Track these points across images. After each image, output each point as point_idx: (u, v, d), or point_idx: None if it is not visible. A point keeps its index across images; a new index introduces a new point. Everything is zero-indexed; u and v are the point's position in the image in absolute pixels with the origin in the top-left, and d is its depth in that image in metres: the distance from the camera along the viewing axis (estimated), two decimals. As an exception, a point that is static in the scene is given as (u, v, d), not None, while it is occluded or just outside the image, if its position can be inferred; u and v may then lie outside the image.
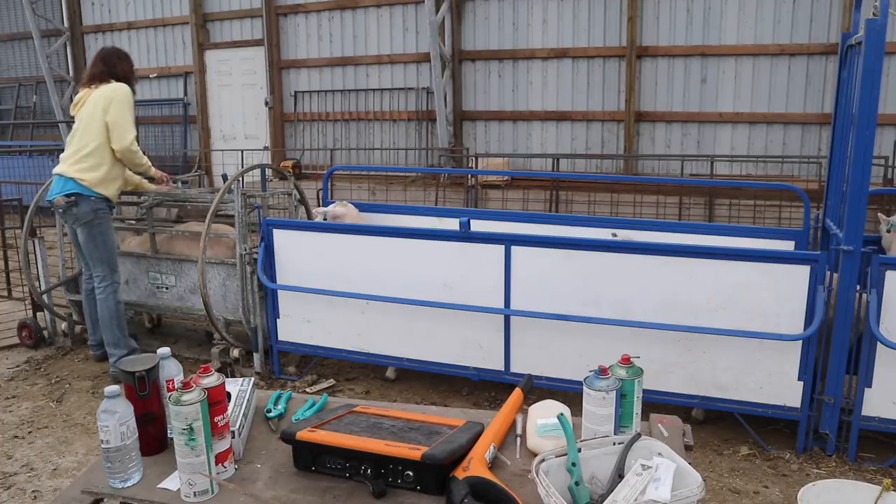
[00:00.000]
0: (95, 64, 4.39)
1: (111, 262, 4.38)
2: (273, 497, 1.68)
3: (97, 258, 4.34)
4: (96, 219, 4.26)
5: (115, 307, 4.38)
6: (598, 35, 8.42)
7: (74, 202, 4.20)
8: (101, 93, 4.26)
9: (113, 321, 4.37)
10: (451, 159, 9.01)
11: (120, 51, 4.52)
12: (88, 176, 4.21)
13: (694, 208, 7.55)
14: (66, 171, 4.23)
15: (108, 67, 4.36)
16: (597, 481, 1.63)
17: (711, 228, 4.56)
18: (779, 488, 3.16)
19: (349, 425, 1.87)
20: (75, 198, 4.19)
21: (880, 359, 3.23)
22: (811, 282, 3.24)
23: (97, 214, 4.26)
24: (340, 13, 9.80)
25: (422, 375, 4.33)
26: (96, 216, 4.26)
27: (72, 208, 4.22)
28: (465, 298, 3.89)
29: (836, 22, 7.36)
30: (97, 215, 4.26)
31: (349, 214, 4.68)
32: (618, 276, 3.57)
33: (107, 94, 4.25)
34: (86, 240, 4.31)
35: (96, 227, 4.28)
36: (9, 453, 3.57)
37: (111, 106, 4.22)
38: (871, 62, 3.04)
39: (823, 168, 6.71)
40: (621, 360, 1.83)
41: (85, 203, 4.21)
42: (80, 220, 4.25)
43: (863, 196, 3.13)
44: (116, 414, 1.70)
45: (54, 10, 11.92)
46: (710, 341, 3.46)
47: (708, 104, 8.08)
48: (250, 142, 10.77)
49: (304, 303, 4.30)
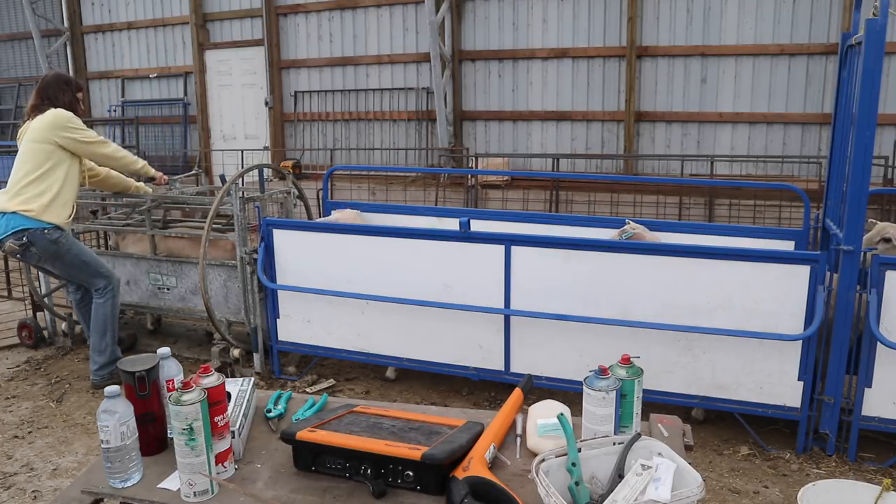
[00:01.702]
0: (33, 95, 4.15)
1: (101, 271, 4.19)
2: (273, 497, 1.68)
3: (85, 278, 4.17)
4: (60, 248, 3.99)
5: (110, 313, 4.21)
6: (598, 35, 8.41)
7: (28, 242, 3.89)
8: (41, 125, 4.01)
9: (106, 326, 4.20)
10: (451, 159, 9.01)
11: (61, 79, 4.23)
12: (33, 205, 3.89)
13: (694, 208, 7.55)
14: (7, 207, 3.89)
15: (47, 100, 4.09)
16: (597, 481, 1.63)
17: (711, 228, 4.56)
18: (779, 488, 3.16)
19: (349, 425, 1.87)
20: (27, 237, 3.88)
21: (880, 359, 3.23)
22: (811, 282, 3.24)
23: (58, 244, 3.97)
24: (340, 13, 9.80)
25: (422, 375, 4.33)
26: (58, 246, 3.98)
27: (28, 249, 3.92)
28: (464, 298, 3.89)
29: (836, 22, 7.36)
30: (59, 244, 3.98)
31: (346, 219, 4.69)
32: (618, 276, 3.57)
33: (46, 124, 4.00)
34: (62, 270, 4.12)
35: (66, 255, 4.02)
36: (9, 453, 3.57)
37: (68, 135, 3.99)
38: (871, 62, 3.04)
39: (823, 168, 6.71)
40: (621, 360, 1.83)
41: (39, 238, 3.91)
42: (44, 256, 3.99)
43: (863, 196, 3.13)
44: (116, 414, 1.70)
45: (54, 10, 11.92)
46: (710, 341, 3.46)
47: (708, 104, 8.08)
48: (250, 142, 10.77)
49: (304, 303, 4.30)
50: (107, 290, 4.20)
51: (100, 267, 4.20)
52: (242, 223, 4.31)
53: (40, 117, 4.05)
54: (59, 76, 4.28)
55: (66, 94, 4.16)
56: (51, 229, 3.95)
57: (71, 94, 4.19)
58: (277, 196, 4.83)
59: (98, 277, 4.18)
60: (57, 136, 4.00)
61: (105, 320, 4.20)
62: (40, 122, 4.03)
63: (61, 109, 4.07)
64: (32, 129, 4.05)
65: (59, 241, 3.98)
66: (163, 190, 4.80)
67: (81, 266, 4.12)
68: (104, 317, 4.20)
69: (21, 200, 3.91)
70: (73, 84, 4.25)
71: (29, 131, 4.06)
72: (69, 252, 4.05)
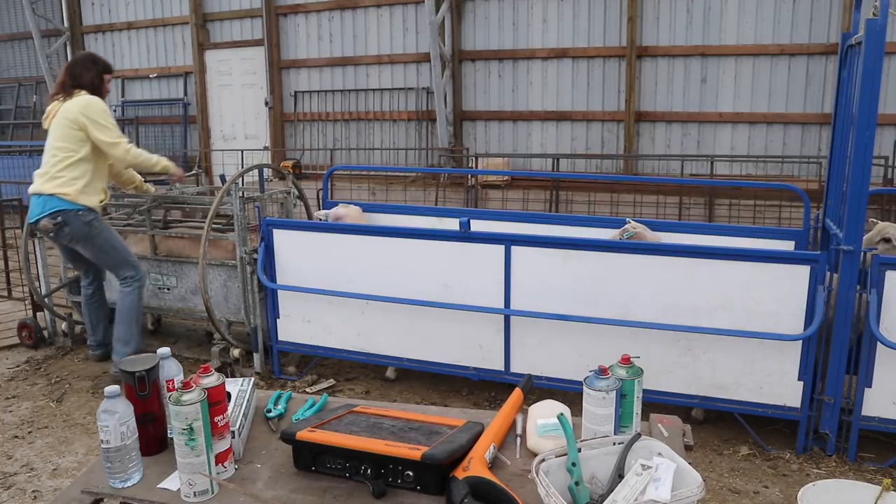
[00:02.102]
0: (60, 74, 4.23)
1: (129, 260, 4.26)
2: (273, 497, 1.68)
3: (113, 264, 4.22)
4: (92, 230, 4.10)
5: (136, 303, 4.27)
6: (598, 35, 8.41)
7: (63, 222, 4.02)
8: (71, 107, 4.06)
9: (132, 316, 4.26)
10: (451, 159, 9.01)
11: (88, 58, 4.28)
12: (69, 189, 4.02)
13: (694, 208, 7.55)
14: (44, 189, 4.04)
15: (72, 79, 4.17)
16: (597, 481, 1.63)
17: (711, 228, 4.56)
18: (779, 488, 3.16)
19: (349, 425, 1.87)
20: (62, 217, 4.01)
21: (880, 359, 3.23)
22: (811, 282, 3.24)
23: (91, 226, 4.09)
24: (340, 13, 9.80)
25: (422, 375, 4.33)
26: (91, 228, 4.09)
27: (62, 229, 4.04)
28: (464, 298, 3.89)
29: (836, 22, 7.36)
30: (91, 226, 4.09)
31: (350, 215, 4.68)
32: (618, 276, 3.57)
33: (77, 110, 4.04)
34: (93, 253, 4.17)
35: (97, 238, 4.12)
36: (9, 453, 3.57)
37: (89, 126, 4.04)
38: (871, 62, 3.04)
39: (823, 168, 6.71)
40: (621, 360, 1.83)
41: (73, 219, 4.03)
42: (76, 237, 4.08)
43: (863, 196, 3.13)
44: (116, 414, 1.70)
45: (54, 10, 11.92)
46: (710, 341, 3.46)
47: (708, 104, 8.08)
48: (250, 142, 10.77)
49: (304, 303, 4.30)
50: (134, 280, 4.26)
51: (128, 256, 4.27)
52: (242, 223, 4.31)
53: (76, 101, 4.08)
54: (89, 55, 4.33)
55: (90, 72, 4.20)
56: (84, 211, 4.05)
57: (95, 72, 4.23)
58: (277, 196, 4.83)
59: (126, 266, 4.24)
60: (86, 125, 4.05)
61: (131, 310, 4.27)
62: (75, 105, 4.07)
63: (96, 99, 4.13)
64: (67, 110, 4.07)
65: (91, 223, 4.09)
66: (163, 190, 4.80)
67: (110, 251, 4.18)
68: (130, 307, 4.26)
69: (58, 184, 4.01)
70: (100, 63, 4.28)
71: (63, 111, 4.08)
72: (100, 235, 4.13)
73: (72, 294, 5.04)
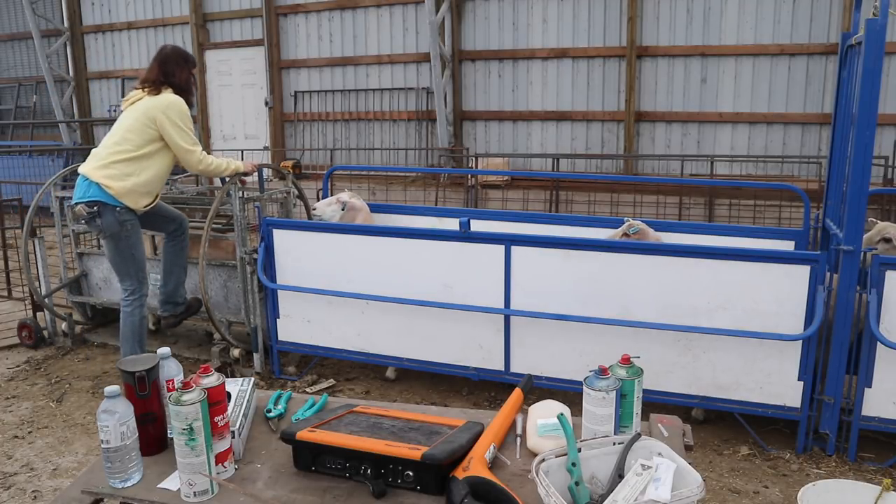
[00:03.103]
0: (152, 68, 4.00)
1: (139, 275, 4.04)
2: (273, 497, 1.68)
3: (125, 272, 4.01)
4: (123, 231, 3.89)
5: (139, 322, 4.06)
6: (598, 35, 8.42)
7: (97, 213, 3.83)
8: (155, 104, 3.88)
9: (134, 336, 4.06)
10: (451, 159, 9.02)
11: (180, 56, 4.06)
12: (116, 184, 3.82)
13: (694, 208, 7.55)
14: (92, 174, 3.84)
15: (164, 76, 3.96)
16: (597, 481, 1.63)
17: (711, 228, 4.56)
18: (779, 488, 3.16)
19: (349, 425, 1.87)
20: (98, 208, 3.82)
21: (880, 359, 3.23)
22: (811, 282, 3.24)
23: (124, 227, 3.89)
24: (340, 13, 9.80)
25: (422, 375, 4.33)
26: (123, 228, 3.89)
27: (94, 219, 3.85)
28: (464, 298, 3.89)
29: (836, 22, 7.36)
30: (124, 227, 3.89)
31: (363, 210, 4.69)
32: (618, 276, 3.57)
33: (160, 109, 3.86)
34: (112, 253, 3.98)
35: (123, 241, 3.92)
36: (9, 453, 3.57)
37: (168, 126, 3.86)
38: (871, 62, 3.04)
39: (823, 168, 6.71)
40: (621, 360, 1.83)
41: (109, 214, 3.83)
42: (105, 231, 3.89)
43: (863, 196, 3.13)
44: (116, 414, 1.70)
45: (54, 10, 11.92)
46: (710, 341, 3.46)
47: (708, 104, 8.08)
48: (250, 142, 10.77)
49: (304, 303, 4.30)
50: (136, 298, 4.04)
51: (141, 270, 4.06)
52: (242, 223, 4.31)
53: (162, 99, 3.91)
54: (179, 51, 4.09)
55: (183, 71, 4.03)
56: (122, 210, 3.86)
57: (188, 71, 4.07)
58: (277, 196, 4.82)
59: (133, 279, 4.03)
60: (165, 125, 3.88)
61: (132, 331, 4.06)
62: (159, 103, 3.89)
63: (181, 101, 3.95)
64: (150, 106, 3.89)
65: (125, 224, 3.89)
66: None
67: (129, 259, 3.98)
68: (133, 328, 4.05)
69: (107, 174, 3.83)
70: (191, 61, 4.11)
71: (146, 105, 3.89)
72: (128, 239, 3.94)
73: (72, 294, 5.04)
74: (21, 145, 11.72)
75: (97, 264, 5.02)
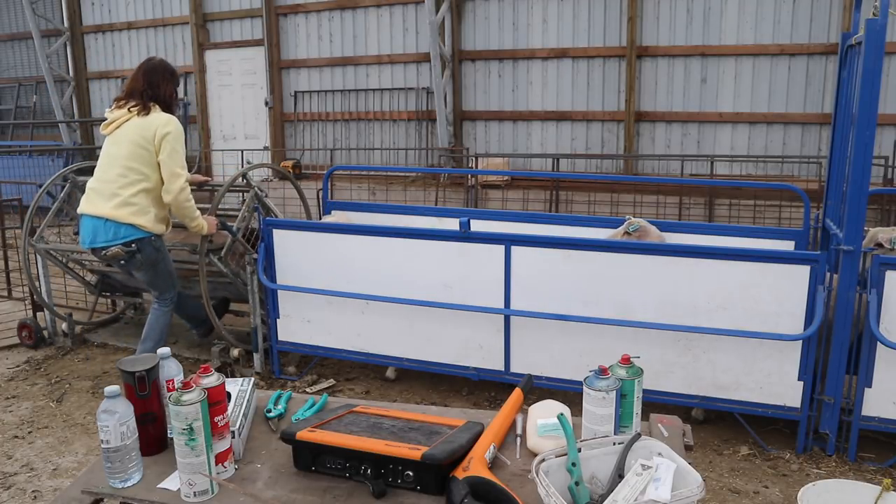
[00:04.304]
0: (136, 78, 3.83)
1: (175, 283, 4.13)
2: (273, 497, 1.68)
3: (164, 286, 4.06)
4: (160, 256, 3.92)
5: (166, 325, 4.14)
6: (598, 35, 8.41)
7: (136, 250, 3.78)
8: (150, 126, 3.74)
9: (160, 336, 4.11)
10: (451, 159, 9.01)
11: (166, 69, 3.91)
12: (142, 219, 3.75)
13: (694, 208, 7.55)
14: (115, 215, 3.71)
15: (150, 87, 3.81)
16: (597, 481, 1.63)
17: (711, 228, 4.56)
18: (779, 488, 3.16)
19: (349, 425, 1.87)
20: (136, 244, 3.76)
21: (880, 359, 3.23)
22: (811, 282, 3.24)
23: (160, 252, 3.92)
24: (340, 13, 9.79)
25: (422, 375, 4.33)
26: (159, 254, 3.92)
27: (134, 256, 3.80)
28: (464, 298, 3.89)
29: (836, 22, 7.36)
30: (160, 252, 3.92)
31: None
32: (618, 276, 3.57)
33: (159, 132, 3.73)
34: (151, 276, 3.98)
35: (160, 263, 3.95)
36: (9, 453, 3.57)
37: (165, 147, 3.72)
38: (871, 62, 3.05)
39: (823, 168, 6.71)
40: (621, 360, 1.83)
41: (147, 246, 3.81)
42: (146, 263, 3.88)
43: (863, 196, 3.13)
44: (116, 414, 1.70)
45: (54, 10, 11.91)
46: (710, 341, 3.46)
47: (708, 104, 8.07)
48: (250, 142, 10.77)
49: (304, 303, 4.30)
50: (171, 301, 4.13)
51: (175, 280, 4.14)
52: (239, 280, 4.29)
53: (156, 119, 3.76)
54: (165, 64, 3.94)
55: (169, 85, 3.89)
56: (156, 238, 3.87)
57: (173, 87, 3.94)
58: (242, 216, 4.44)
59: (172, 289, 4.11)
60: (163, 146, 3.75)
61: (160, 330, 4.12)
62: (156, 125, 3.75)
63: (176, 122, 3.83)
64: (145, 128, 3.74)
65: (160, 249, 3.93)
66: None
67: (167, 275, 4.03)
68: (164, 325, 4.13)
69: (132, 212, 3.73)
70: (176, 77, 3.99)
71: (140, 128, 3.74)
72: (164, 260, 3.98)
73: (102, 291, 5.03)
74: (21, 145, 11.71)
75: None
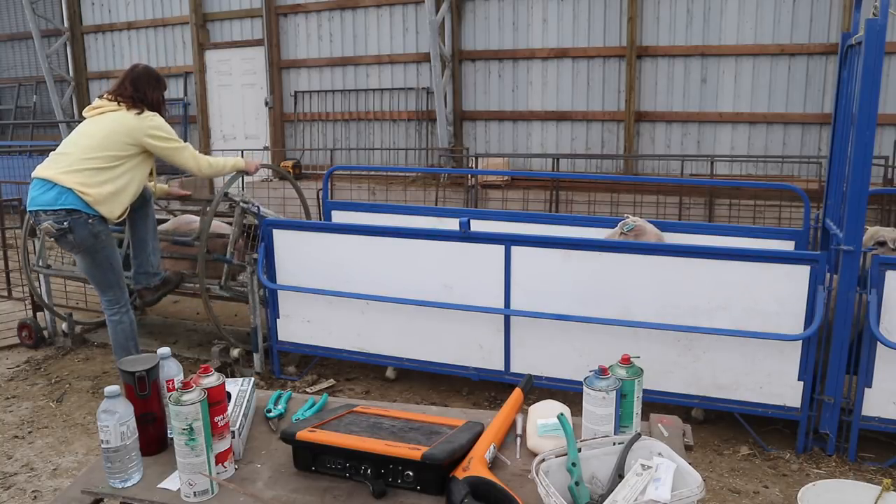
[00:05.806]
0: (124, 86, 3.84)
1: (121, 283, 3.91)
2: (273, 497, 1.68)
3: (105, 283, 3.84)
4: (98, 243, 3.69)
5: (129, 328, 3.95)
6: (598, 35, 8.41)
7: (68, 229, 3.58)
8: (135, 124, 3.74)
9: (128, 341, 3.94)
10: (451, 159, 9.01)
11: (153, 77, 3.94)
12: (94, 191, 3.59)
13: (694, 208, 7.55)
14: (63, 180, 3.56)
15: (136, 93, 3.83)
16: (597, 481, 1.63)
17: (711, 228, 4.56)
18: (779, 488, 3.16)
19: (349, 425, 1.87)
20: (69, 223, 3.57)
21: (880, 359, 3.23)
22: (811, 282, 3.24)
23: (98, 238, 3.68)
24: (340, 13, 9.79)
25: (422, 375, 4.33)
26: (97, 240, 3.68)
27: (65, 235, 3.60)
28: (464, 298, 3.89)
29: (836, 22, 7.36)
30: (98, 238, 3.68)
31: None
32: (618, 276, 3.57)
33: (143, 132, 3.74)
34: (88, 266, 3.79)
35: (99, 252, 3.72)
36: (9, 453, 3.57)
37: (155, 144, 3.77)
38: (871, 62, 3.04)
39: (823, 168, 6.70)
40: (621, 360, 1.83)
41: (81, 227, 3.60)
42: (79, 246, 3.67)
43: (863, 196, 3.13)
44: (116, 414, 1.70)
45: (54, 10, 11.91)
46: (710, 341, 3.46)
47: (708, 104, 8.07)
48: (250, 142, 10.76)
49: (304, 303, 4.30)
50: (120, 306, 3.93)
51: (121, 279, 3.93)
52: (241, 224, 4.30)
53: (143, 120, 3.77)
54: (151, 71, 3.96)
55: (156, 92, 3.92)
56: (96, 220, 3.66)
57: (160, 93, 3.96)
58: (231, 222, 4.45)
59: (115, 288, 3.89)
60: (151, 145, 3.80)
61: (126, 338, 3.95)
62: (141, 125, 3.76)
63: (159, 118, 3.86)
64: (128, 124, 3.73)
65: (99, 235, 3.69)
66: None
67: (107, 270, 3.82)
68: (124, 334, 3.94)
69: (81, 179, 3.59)
70: (162, 83, 4.01)
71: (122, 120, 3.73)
72: (104, 250, 3.75)
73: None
74: (21, 145, 11.70)
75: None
